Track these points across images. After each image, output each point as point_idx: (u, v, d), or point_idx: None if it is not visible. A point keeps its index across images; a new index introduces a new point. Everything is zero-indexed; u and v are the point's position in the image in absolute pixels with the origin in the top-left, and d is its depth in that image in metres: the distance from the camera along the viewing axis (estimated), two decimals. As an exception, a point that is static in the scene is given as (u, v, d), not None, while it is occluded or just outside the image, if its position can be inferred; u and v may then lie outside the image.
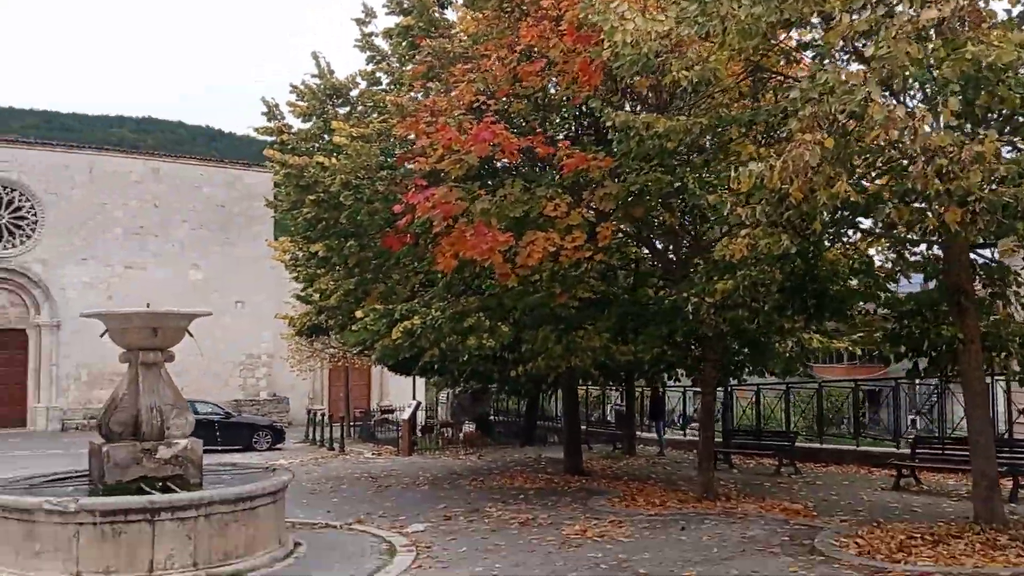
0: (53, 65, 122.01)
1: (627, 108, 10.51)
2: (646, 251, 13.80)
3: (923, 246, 9.76)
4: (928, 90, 7.46)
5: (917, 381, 14.90)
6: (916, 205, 7.62)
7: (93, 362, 32.53)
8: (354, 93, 14.54)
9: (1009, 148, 7.97)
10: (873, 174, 8.13)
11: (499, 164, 12.42)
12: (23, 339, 31.81)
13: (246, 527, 8.49)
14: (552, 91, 11.81)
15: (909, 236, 8.81)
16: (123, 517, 7.81)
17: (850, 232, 9.90)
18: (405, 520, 11.44)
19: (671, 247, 12.46)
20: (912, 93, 8.03)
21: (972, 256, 9.27)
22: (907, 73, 6.71)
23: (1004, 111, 7.81)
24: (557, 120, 12.63)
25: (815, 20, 8.05)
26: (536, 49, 10.86)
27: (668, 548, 9.32)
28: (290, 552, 9.07)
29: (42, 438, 28.62)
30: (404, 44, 13.63)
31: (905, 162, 7.02)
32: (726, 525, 10.56)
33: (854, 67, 7.49)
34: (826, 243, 10.07)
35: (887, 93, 7.39)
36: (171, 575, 7.83)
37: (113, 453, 8.63)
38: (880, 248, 11.09)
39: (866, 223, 8.99)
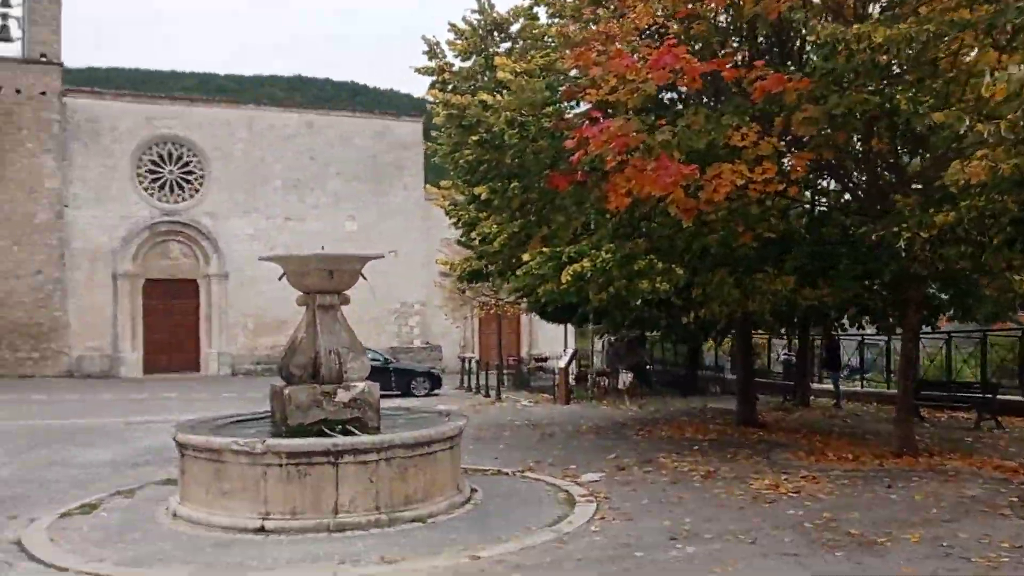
0: (207, 30, 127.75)
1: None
2: (835, 185, 12.60)
3: None
4: None
5: None
6: None
7: (257, 311, 34.04)
8: (514, 28, 13.92)
9: None
10: None
11: (674, 94, 11.54)
12: (195, 288, 33.51)
13: (425, 472, 8.27)
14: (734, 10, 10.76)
15: None
16: (307, 460, 7.72)
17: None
18: (576, 469, 11.03)
19: (869, 179, 11.25)
20: None
21: None
22: None
23: None
24: (736, 43, 11.58)
25: None
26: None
27: (878, 507, 8.45)
28: (468, 498, 8.81)
29: (214, 382, 30.19)
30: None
31: None
32: (938, 483, 9.55)
33: None
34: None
35: None
36: (354, 517, 7.70)
37: (294, 395, 8.56)
38: None
39: None
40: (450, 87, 12.86)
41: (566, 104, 11.94)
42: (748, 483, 9.83)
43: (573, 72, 11.95)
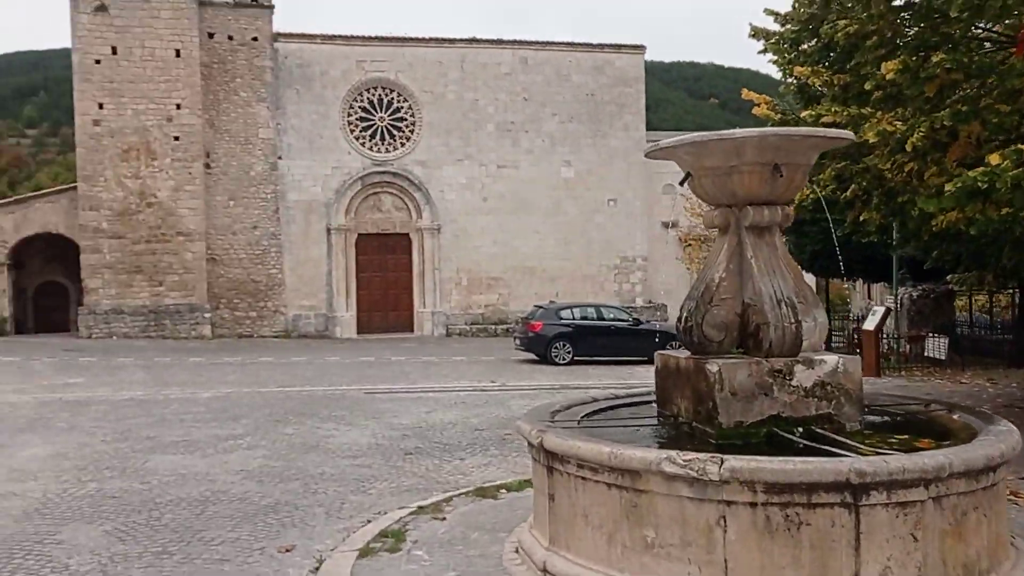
0: None
1: None
2: None
3: None
4: None
5: None
6: None
7: (471, 267, 31.63)
8: None
9: None
10: None
11: None
12: (407, 243, 31.43)
13: (989, 519, 4.60)
14: None
15: None
16: (804, 498, 4.23)
17: None
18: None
19: None
20: None
21: None
22: None
23: None
24: None
25: None
26: None
27: None
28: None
29: (433, 343, 27.95)
30: None
31: None
32: None
33: None
34: None
35: None
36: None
37: (727, 375, 5.08)
38: None
39: None
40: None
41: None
42: None
43: None
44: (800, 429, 5.10)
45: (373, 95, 30.76)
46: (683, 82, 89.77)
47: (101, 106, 27.12)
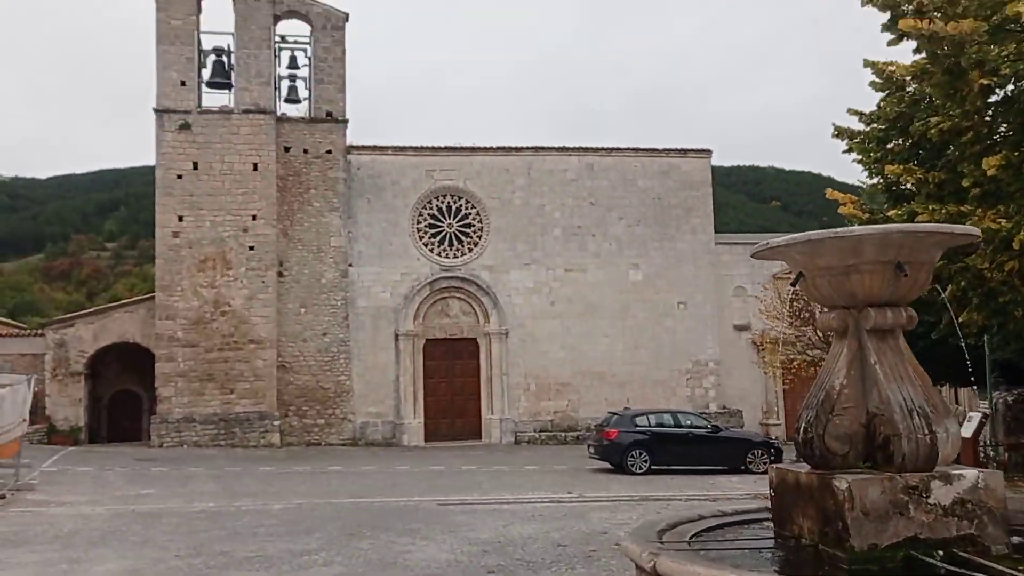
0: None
1: None
2: None
3: None
4: None
5: None
6: None
7: (539, 372, 31.23)
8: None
9: None
10: None
11: None
12: (475, 348, 31.27)
13: None
14: None
15: None
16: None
17: None
18: None
19: None
20: None
21: None
22: None
23: None
24: None
25: None
26: None
27: None
28: None
29: (503, 451, 27.38)
30: None
31: None
32: None
33: None
34: None
35: None
36: None
37: (858, 492, 4.62)
38: None
39: None
40: (932, 12, 8.70)
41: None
42: None
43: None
44: (940, 552, 4.58)
45: (442, 202, 31.29)
46: (743, 185, 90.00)
47: (181, 218, 28.09)
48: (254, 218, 28.42)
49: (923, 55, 9.16)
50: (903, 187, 10.68)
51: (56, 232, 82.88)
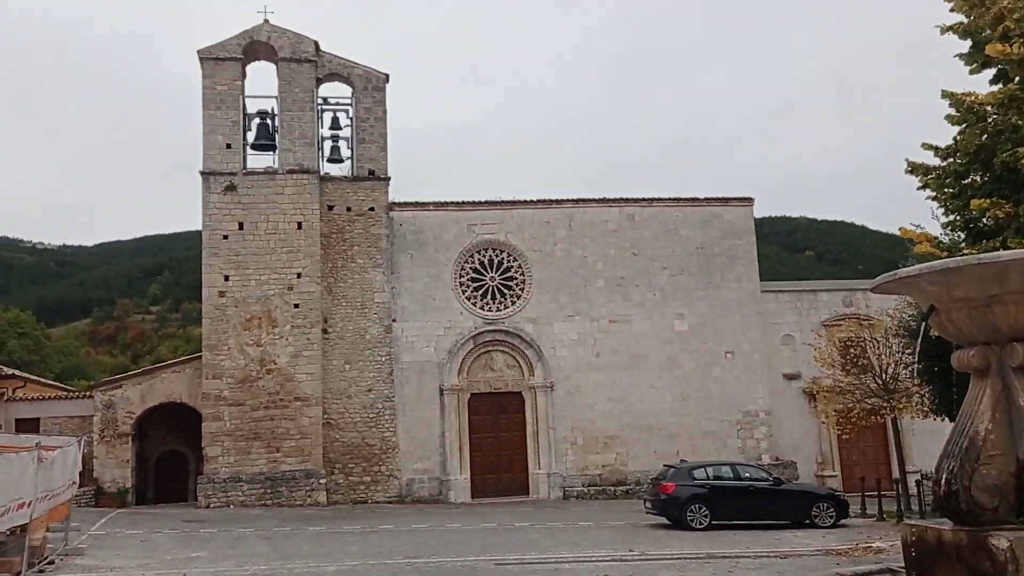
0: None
1: None
2: None
3: None
4: None
5: None
6: None
7: (586, 424, 30.68)
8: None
9: None
10: None
11: None
12: (519, 402, 30.80)
13: None
14: None
15: None
16: None
17: None
18: None
19: None
20: None
21: None
22: None
23: None
24: None
25: None
26: None
27: None
28: None
29: (552, 508, 26.72)
30: None
31: None
32: None
33: None
34: None
35: None
36: None
37: (1021, 553, 4.15)
38: None
39: None
40: (1018, 37, 8.34)
41: None
42: None
43: None
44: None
45: (484, 256, 31.18)
46: (775, 236, 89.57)
47: (227, 278, 28.23)
48: (299, 276, 28.49)
49: (1000, 84, 8.80)
50: (984, 223, 10.25)
51: (102, 297, 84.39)
